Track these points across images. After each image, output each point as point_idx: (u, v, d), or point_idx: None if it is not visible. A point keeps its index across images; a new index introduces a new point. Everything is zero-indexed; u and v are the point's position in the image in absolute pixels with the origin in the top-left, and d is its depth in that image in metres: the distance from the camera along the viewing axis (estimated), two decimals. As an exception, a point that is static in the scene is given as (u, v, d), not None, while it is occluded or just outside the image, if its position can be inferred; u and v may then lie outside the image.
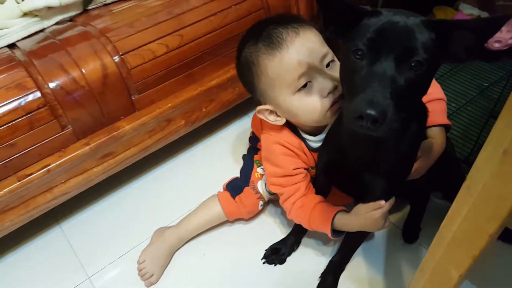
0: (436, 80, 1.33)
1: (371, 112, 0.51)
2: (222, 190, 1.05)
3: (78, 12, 1.07)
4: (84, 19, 1.05)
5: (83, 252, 1.04)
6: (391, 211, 1.03)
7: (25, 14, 0.98)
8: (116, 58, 0.94)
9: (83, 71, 0.90)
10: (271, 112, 0.84)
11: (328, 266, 0.93)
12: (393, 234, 1.01)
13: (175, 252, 1.01)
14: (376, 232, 1.01)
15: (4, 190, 0.88)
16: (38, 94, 0.87)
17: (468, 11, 1.32)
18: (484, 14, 1.31)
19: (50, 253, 1.04)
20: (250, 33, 0.82)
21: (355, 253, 0.94)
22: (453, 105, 1.27)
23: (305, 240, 1.01)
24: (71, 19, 1.06)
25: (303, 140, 0.88)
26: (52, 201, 0.97)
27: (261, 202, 1.01)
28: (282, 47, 0.76)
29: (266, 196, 1.01)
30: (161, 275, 0.96)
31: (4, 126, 0.84)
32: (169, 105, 1.04)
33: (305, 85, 0.77)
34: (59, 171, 0.94)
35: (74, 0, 1.01)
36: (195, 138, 1.29)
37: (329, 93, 0.77)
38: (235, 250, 1.01)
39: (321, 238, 1.01)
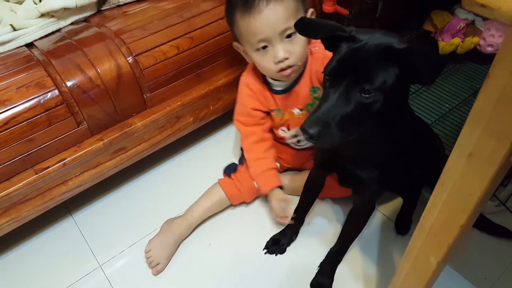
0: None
1: (308, 130, 0.61)
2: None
3: (92, 12, 1.09)
4: (98, 20, 1.07)
5: (95, 242, 1.07)
6: (384, 203, 1.09)
7: (42, 15, 1.01)
8: (130, 59, 0.98)
9: (99, 71, 0.94)
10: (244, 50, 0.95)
11: (326, 256, 0.98)
12: (386, 226, 1.06)
13: (181, 242, 1.04)
14: (371, 225, 1.06)
15: (23, 182, 0.91)
16: (56, 92, 0.90)
17: (463, 16, 1.36)
18: (478, 19, 1.35)
19: (63, 242, 1.07)
20: None
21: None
22: (446, 105, 1.32)
23: (303, 231, 1.06)
24: (85, 19, 1.09)
25: (267, 83, 1.00)
26: (66, 193, 1.00)
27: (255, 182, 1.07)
28: (251, 13, 0.84)
29: None
30: (167, 264, 1.00)
31: (24, 122, 0.88)
32: (179, 103, 1.08)
33: (264, 47, 0.87)
34: (74, 165, 0.97)
35: (89, 1, 1.04)
36: (203, 134, 1.33)
37: (279, 61, 0.87)
38: (238, 240, 1.05)
39: (319, 230, 1.06)
